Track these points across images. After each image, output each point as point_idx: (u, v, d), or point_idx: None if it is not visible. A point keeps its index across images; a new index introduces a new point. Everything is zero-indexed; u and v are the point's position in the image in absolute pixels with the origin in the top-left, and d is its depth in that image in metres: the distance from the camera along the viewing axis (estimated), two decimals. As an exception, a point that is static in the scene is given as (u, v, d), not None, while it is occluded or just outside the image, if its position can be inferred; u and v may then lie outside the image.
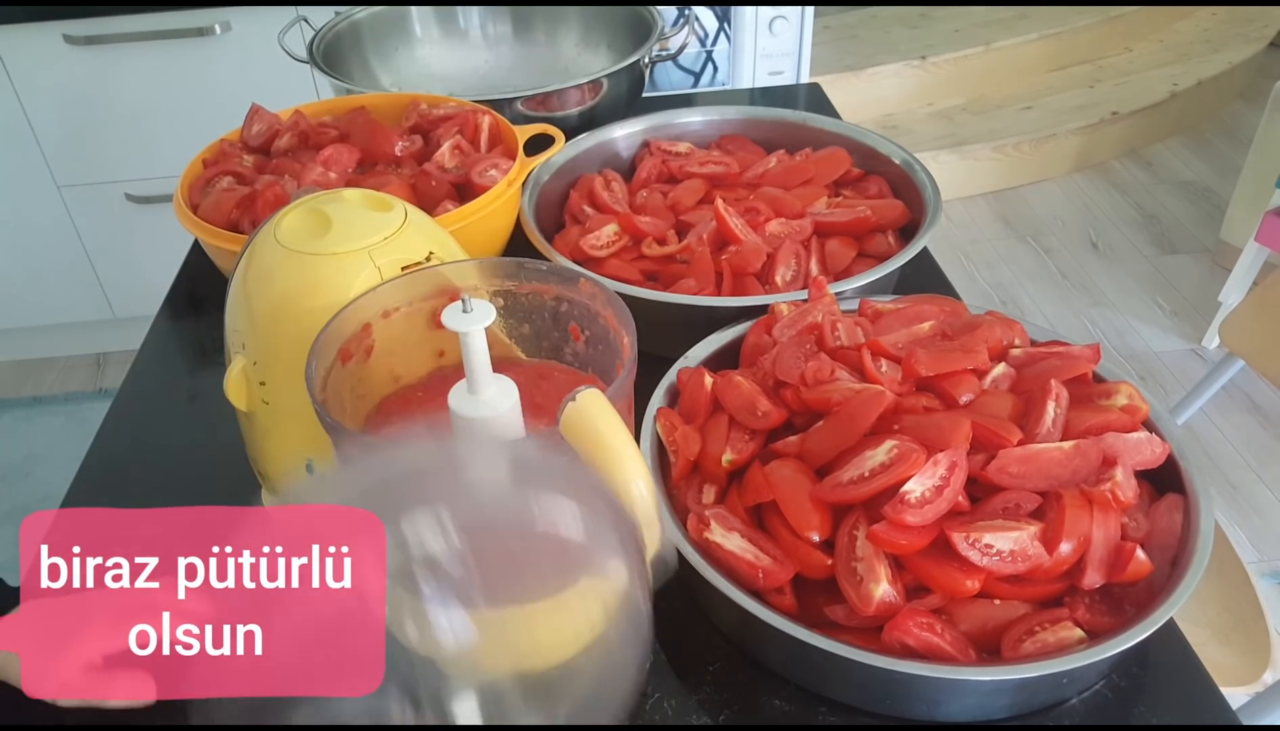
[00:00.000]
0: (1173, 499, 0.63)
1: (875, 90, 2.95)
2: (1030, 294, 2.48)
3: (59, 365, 2.32)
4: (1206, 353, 2.25)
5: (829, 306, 0.76)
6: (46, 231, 2.02)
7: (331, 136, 0.98)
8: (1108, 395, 0.66)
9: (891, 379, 0.67)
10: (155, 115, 1.88)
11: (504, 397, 0.54)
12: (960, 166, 2.80)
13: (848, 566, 0.58)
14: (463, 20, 1.37)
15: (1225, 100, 3.23)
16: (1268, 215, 2.06)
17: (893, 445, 0.60)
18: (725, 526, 0.62)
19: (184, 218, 0.85)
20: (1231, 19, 3.42)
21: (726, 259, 0.88)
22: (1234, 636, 1.09)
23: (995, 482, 0.59)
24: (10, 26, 1.75)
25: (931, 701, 0.58)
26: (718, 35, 1.52)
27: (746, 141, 1.09)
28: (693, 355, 0.77)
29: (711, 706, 0.60)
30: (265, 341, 0.60)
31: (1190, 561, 0.57)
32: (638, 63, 1.18)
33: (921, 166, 0.97)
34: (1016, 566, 0.56)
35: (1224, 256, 2.45)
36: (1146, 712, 0.59)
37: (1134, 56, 3.25)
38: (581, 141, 1.04)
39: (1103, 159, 3.00)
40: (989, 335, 0.70)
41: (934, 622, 0.56)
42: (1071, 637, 0.56)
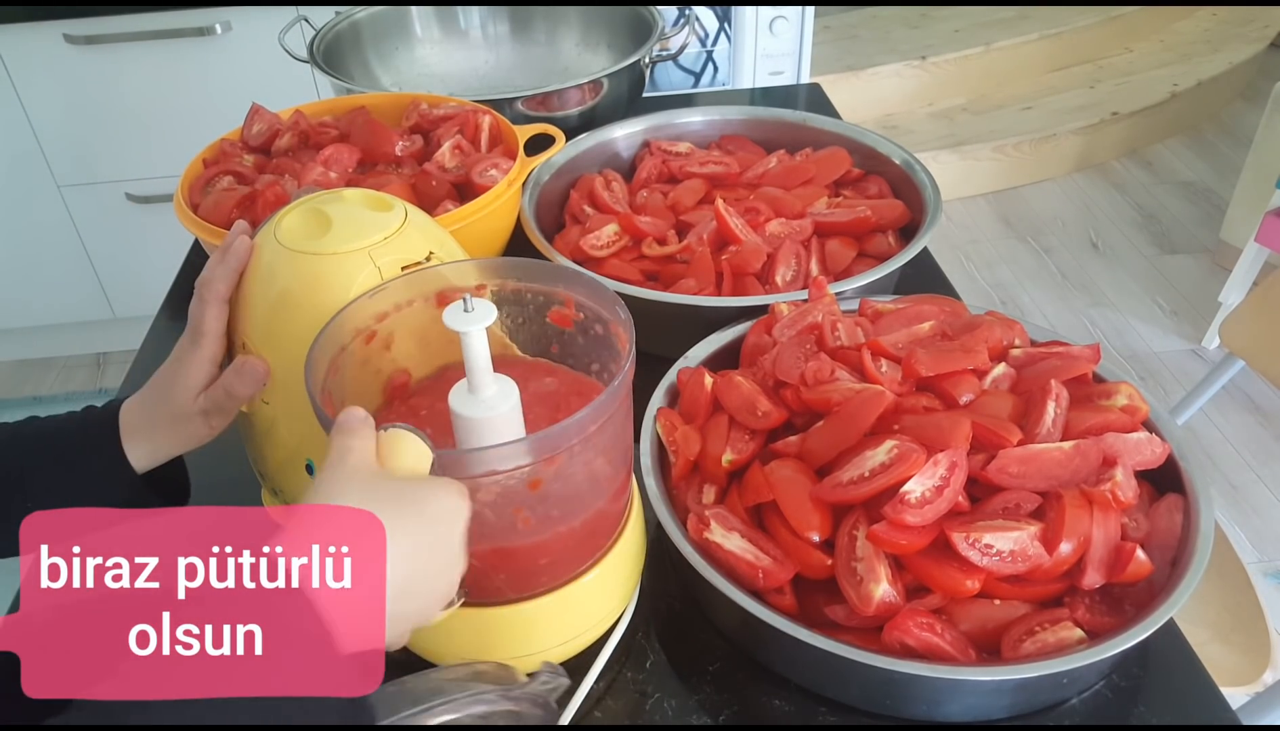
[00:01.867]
0: (1173, 499, 0.63)
1: (875, 90, 2.95)
2: (1030, 294, 2.48)
3: (59, 365, 2.32)
4: (1206, 353, 2.25)
5: (829, 306, 0.76)
6: (46, 231, 2.02)
7: (332, 136, 0.98)
8: (1108, 395, 0.66)
9: (891, 379, 0.67)
10: (155, 115, 1.88)
11: (504, 398, 0.53)
12: (960, 166, 2.80)
13: (848, 566, 0.58)
14: (463, 20, 1.37)
15: (1225, 100, 3.23)
16: (1268, 215, 2.06)
17: (893, 445, 0.60)
18: (725, 526, 0.62)
19: (184, 217, 0.85)
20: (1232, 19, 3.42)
21: (726, 259, 0.88)
22: (1234, 636, 1.09)
23: (995, 483, 0.59)
24: (10, 26, 1.75)
25: (931, 701, 0.58)
26: (718, 35, 1.52)
27: (746, 141, 1.09)
28: (693, 355, 0.77)
29: (711, 706, 0.60)
30: (265, 341, 0.60)
31: (1190, 561, 0.57)
32: (638, 63, 1.18)
33: (922, 166, 0.97)
34: (1016, 566, 0.56)
35: (1224, 256, 2.45)
36: (1146, 712, 0.59)
37: (1134, 56, 3.25)
38: (582, 141, 1.04)
39: (1103, 159, 2.99)
40: (989, 335, 0.70)
41: (934, 622, 0.56)
42: (1071, 637, 0.56)
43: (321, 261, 0.59)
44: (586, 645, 0.60)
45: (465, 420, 0.53)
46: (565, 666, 0.59)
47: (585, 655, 0.60)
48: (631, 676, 0.62)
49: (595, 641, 0.61)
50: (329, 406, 0.54)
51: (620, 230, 0.94)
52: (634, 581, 0.63)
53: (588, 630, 0.59)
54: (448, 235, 0.66)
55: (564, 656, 0.59)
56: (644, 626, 0.65)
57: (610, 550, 0.58)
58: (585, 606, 0.58)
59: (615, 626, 0.62)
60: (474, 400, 0.53)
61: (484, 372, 0.53)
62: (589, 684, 0.60)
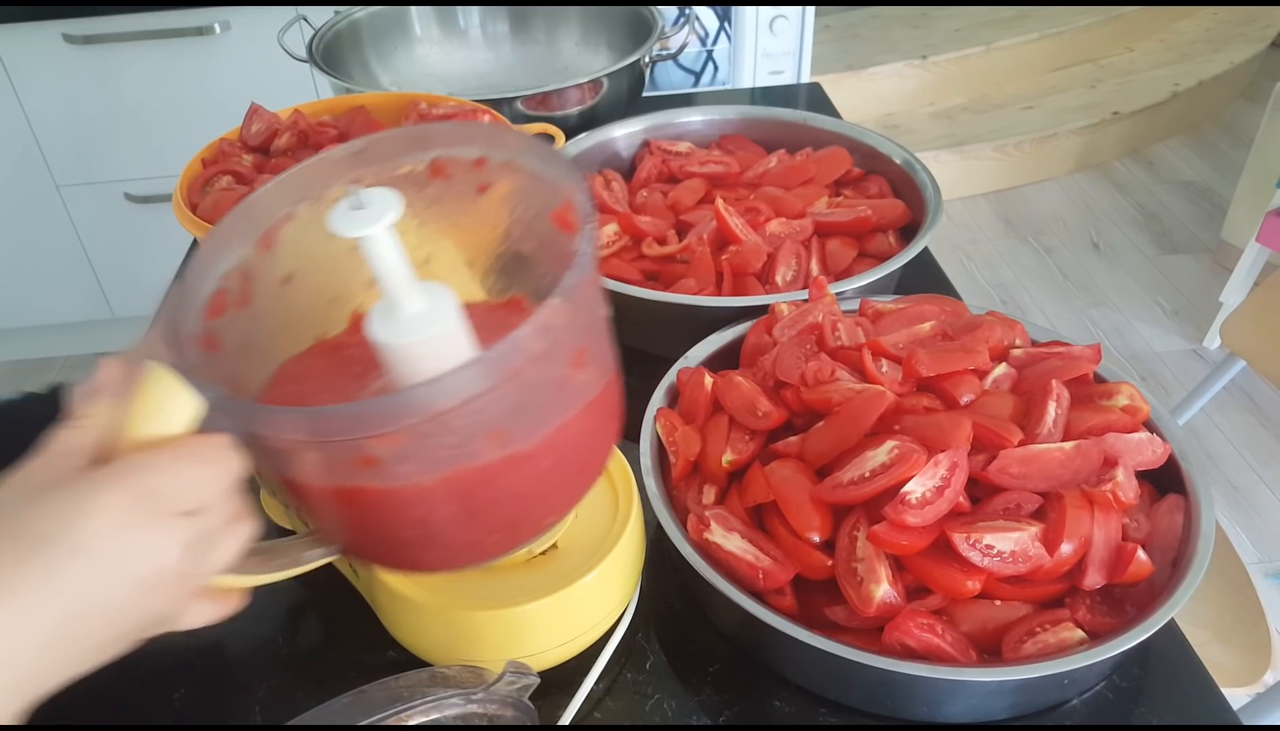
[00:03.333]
0: (1174, 499, 0.63)
1: (876, 90, 2.95)
2: (1031, 294, 2.47)
3: (59, 365, 2.32)
4: (1207, 353, 2.25)
5: (829, 306, 0.76)
6: (45, 231, 2.02)
7: (331, 136, 0.97)
8: (1109, 395, 0.66)
9: (892, 379, 0.67)
10: (155, 115, 1.88)
11: (437, 313, 0.43)
12: (961, 166, 2.80)
13: (848, 567, 0.58)
14: (463, 20, 1.37)
15: (1226, 100, 3.23)
16: (1269, 215, 2.06)
17: (893, 445, 0.59)
18: (725, 527, 0.62)
19: (183, 217, 0.85)
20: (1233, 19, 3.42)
21: (727, 259, 0.88)
22: (1235, 637, 1.09)
23: (996, 483, 0.59)
24: (10, 26, 1.75)
25: (932, 702, 0.58)
26: (718, 35, 1.52)
27: (747, 141, 1.09)
28: (693, 355, 0.77)
29: (711, 707, 0.60)
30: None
31: (1191, 562, 0.57)
32: (638, 62, 1.18)
33: (922, 166, 0.96)
34: (1017, 567, 0.56)
35: (1225, 256, 2.44)
36: (1147, 713, 0.58)
37: (1135, 56, 3.25)
38: (581, 141, 1.04)
39: (1104, 159, 2.99)
40: (990, 335, 0.70)
41: (935, 623, 0.56)
42: (1072, 638, 0.56)
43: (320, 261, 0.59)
44: (586, 646, 0.60)
45: (391, 349, 0.43)
46: (565, 667, 0.59)
47: (585, 656, 0.60)
48: (631, 677, 0.62)
49: (595, 642, 0.60)
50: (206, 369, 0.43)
51: (620, 230, 0.94)
52: (634, 582, 0.62)
53: (587, 631, 0.59)
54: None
55: (564, 657, 0.59)
56: (644, 627, 0.65)
57: (610, 550, 0.58)
58: (585, 607, 0.58)
59: (615, 627, 0.62)
60: (397, 323, 0.42)
61: (402, 285, 0.42)
62: (589, 684, 0.60)
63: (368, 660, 0.63)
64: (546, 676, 0.58)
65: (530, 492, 0.46)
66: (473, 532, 0.46)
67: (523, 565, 0.58)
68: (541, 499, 0.48)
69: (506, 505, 0.45)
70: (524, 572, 0.58)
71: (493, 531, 0.47)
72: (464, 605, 0.55)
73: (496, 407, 0.40)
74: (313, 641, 0.65)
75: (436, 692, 0.46)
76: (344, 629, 0.65)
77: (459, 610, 0.55)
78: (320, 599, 0.67)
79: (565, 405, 0.45)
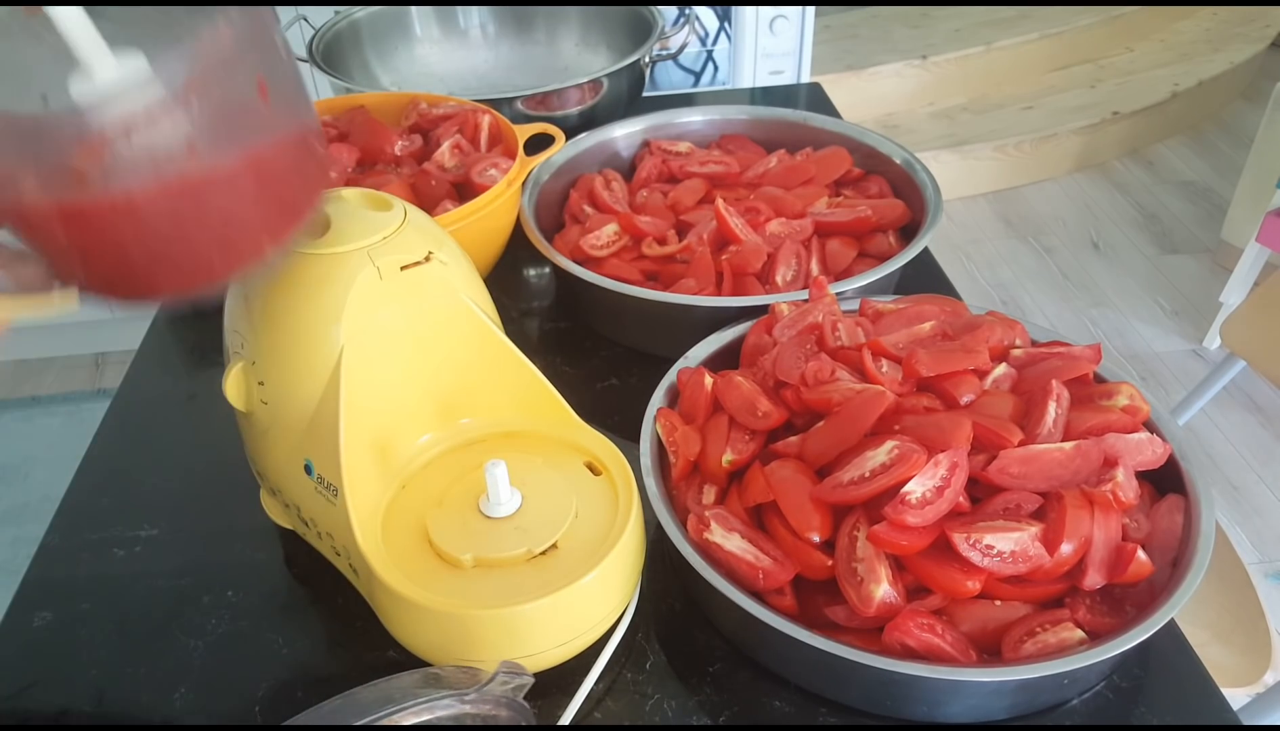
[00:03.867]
0: (1174, 499, 0.63)
1: (876, 90, 2.95)
2: (1031, 294, 2.48)
3: (58, 365, 2.32)
4: (1207, 353, 2.25)
5: (829, 306, 0.76)
6: (46, 231, 2.01)
7: (331, 135, 0.97)
8: (1109, 395, 0.66)
9: (892, 379, 0.67)
10: (155, 115, 1.87)
11: (139, 84, 0.42)
12: (961, 166, 2.81)
13: (848, 567, 0.58)
14: (463, 20, 1.37)
15: (1226, 100, 3.23)
16: (1269, 216, 2.06)
17: (893, 445, 0.59)
18: (725, 527, 0.62)
19: (183, 217, 0.85)
20: (1233, 19, 3.42)
21: (727, 259, 0.88)
22: (1235, 637, 1.09)
23: (996, 483, 0.59)
24: (10, 26, 1.74)
25: (932, 702, 0.58)
26: (718, 35, 1.52)
27: (747, 141, 1.09)
28: (693, 355, 0.77)
29: (711, 707, 0.60)
30: (263, 341, 0.60)
31: (1191, 562, 0.57)
32: (638, 62, 1.18)
33: (922, 166, 0.96)
34: (1017, 567, 0.56)
35: (1225, 256, 2.45)
36: (1147, 713, 0.59)
37: (1135, 56, 3.25)
38: (581, 141, 1.04)
39: (1104, 159, 3.00)
40: (990, 335, 0.70)
41: (935, 623, 0.56)
42: (1072, 638, 0.56)
43: (320, 261, 0.59)
44: (586, 646, 0.60)
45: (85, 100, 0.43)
46: (565, 667, 0.59)
47: (585, 656, 0.60)
48: (631, 677, 0.62)
49: (595, 642, 0.60)
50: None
51: (620, 230, 0.94)
52: (634, 582, 0.62)
53: (587, 631, 0.59)
54: (447, 235, 0.66)
55: (563, 658, 0.59)
56: (644, 627, 0.65)
57: (610, 550, 0.58)
58: (584, 608, 0.58)
59: (615, 627, 0.62)
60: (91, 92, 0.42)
61: (90, 52, 0.42)
62: (589, 685, 0.60)
63: (368, 660, 0.63)
64: (546, 676, 0.58)
65: (237, 214, 0.50)
66: (193, 250, 0.50)
67: (522, 565, 0.58)
68: (251, 222, 0.52)
69: (218, 225, 0.49)
70: (524, 572, 0.58)
71: (211, 249, 0.50)
72: (463, 605, 0.55)
73: (183, 115, 0.44)
74: (313, 641, 0.65)
75: (428, 693, 0.47)
76: (344, 629, 0.65)
77: (458, 610, 0.55)
78: (320, 599, 0.67)
79: (255, 131, 0.49)
